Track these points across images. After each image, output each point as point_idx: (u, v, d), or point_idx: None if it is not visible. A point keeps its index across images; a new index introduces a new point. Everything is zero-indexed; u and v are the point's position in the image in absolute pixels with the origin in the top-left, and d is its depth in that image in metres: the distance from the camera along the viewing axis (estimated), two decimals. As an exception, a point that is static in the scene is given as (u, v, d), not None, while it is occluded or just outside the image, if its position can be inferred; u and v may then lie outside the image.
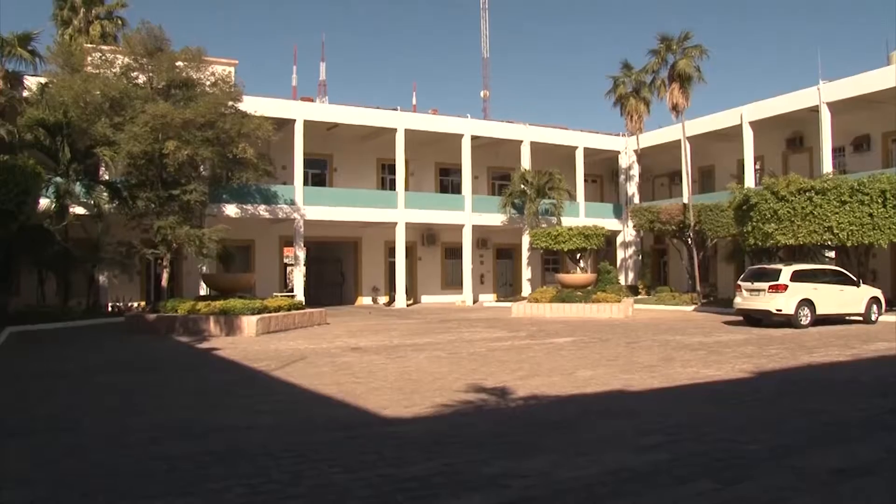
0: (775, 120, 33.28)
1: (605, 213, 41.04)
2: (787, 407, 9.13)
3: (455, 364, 13.26)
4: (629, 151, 41.56)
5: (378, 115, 35.10)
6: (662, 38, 32.74)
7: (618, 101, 35.84)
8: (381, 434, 7.70)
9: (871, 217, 23.06)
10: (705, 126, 36.19)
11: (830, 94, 29.86)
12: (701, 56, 32.43)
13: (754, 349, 15.42)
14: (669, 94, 32.99)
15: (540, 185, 35.98)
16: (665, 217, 34.20)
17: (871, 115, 31.06)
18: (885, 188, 22.98)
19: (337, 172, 36.93)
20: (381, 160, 37.90)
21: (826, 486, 5.72)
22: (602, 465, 6.32)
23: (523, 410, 8.97)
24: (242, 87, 27.23)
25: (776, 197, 24.46)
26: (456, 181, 39.30)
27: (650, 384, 10.82)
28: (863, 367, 12.98)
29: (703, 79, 32.64)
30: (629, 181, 42.06)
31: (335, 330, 21.46)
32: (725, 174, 38.08)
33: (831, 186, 23.73)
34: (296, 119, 32.17)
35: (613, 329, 20.89)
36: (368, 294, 37.73)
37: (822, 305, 21.17)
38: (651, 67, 33.90)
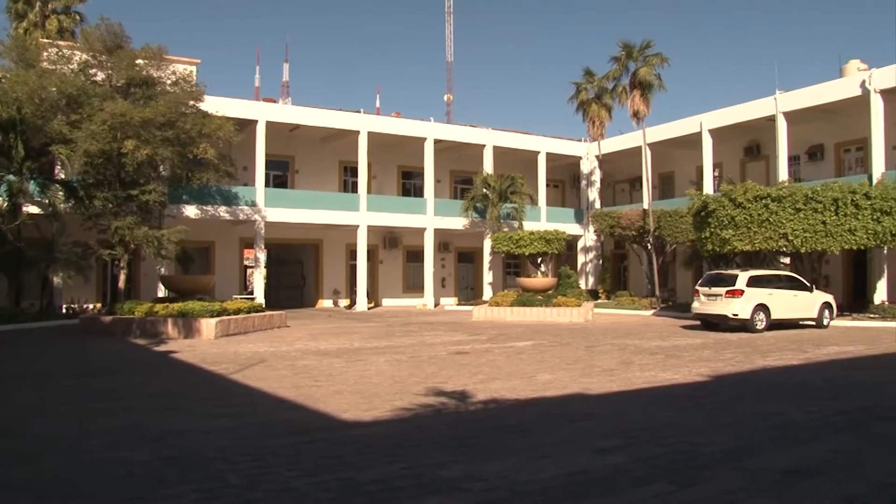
0: (734, 128, 33.80)
1: (567, 218, 41.29)
2: (742, 410, 9.26)
3: (415, 367, 13.24)
4: (591, 157, 41.87)
5: (341, 117, 34.95)
6: (624, 46, 33.10)
7: (580, 107, 36.15)
8: (341, 437, 7.66)
9: (824, 224, 23.53)
10: (666, 133, 36.61)
11: (786, 104, 30.41)
12: (661, 64, 32.87)
13: (711, 353, 15.61)
14: (631, 100, 33.36)
15: (502, 189, 36.12)
16: (625, 222, 34.53)
17: (824, 126, 31.71)
18: (837, 196, 23.49)
19: (299, 174, 36.70)
20: (343, 162, 37.76)
21: (778, 487, 5.82)
22: (561, 467, 6.35)
23: (483, 414, 8.98)
24: (204, 87, 26.94)
25: (734, 204, 24.83)
26: (418, 184, 39.30)
27: (609, 388, 10.91)
28: (815, 370, 13.20)
29: (663, 86, 33.11)
30: (590, 186, 42.37)
31: (295, 333, 21.31)
32: (685, 180, 38.54)
33: (786, 194, 24.16)
34: (258, 120, 31.92)
35: (573, 333, 21.02)
36: (329, 297, 37.54)
37: (777, 310, 21.52)
38: (613, 74, 34.24)
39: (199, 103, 26.03)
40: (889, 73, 26.77)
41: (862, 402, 9.65)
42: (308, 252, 38.65)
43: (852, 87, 28.06)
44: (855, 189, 23.77)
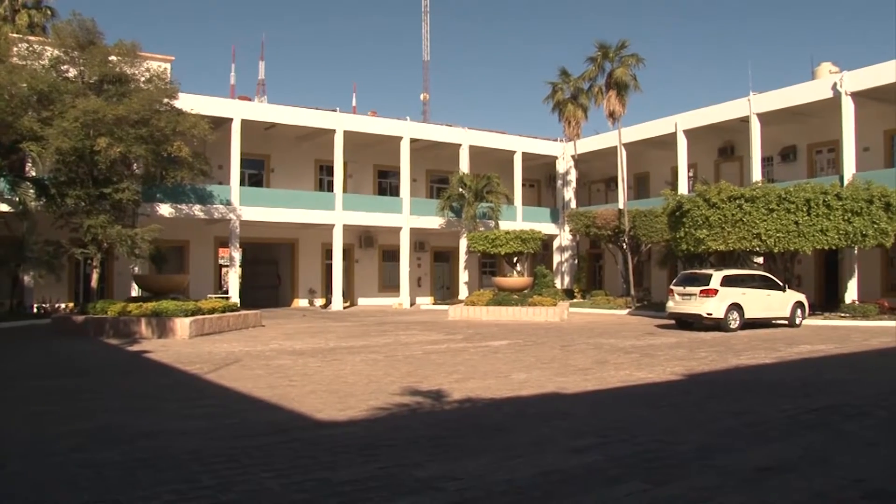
0: (708, 129, 34.05)
1: (543, 218, 41.43)
2: (716, 408, 9.33)
3: (391, 367, 13.23)
4: (567, 157, 42.02)
5: (317, 116, 34.84)
6: (600, 47, 33.22)
7: (556, 106, 36.23)
8: (316, 437, 7.63)
9: (797, 224, 23.79)
10: (641, 133, 36.81)
11: (760, 105, 30.69)
12: (637, 65, 33.01)
13: (685, 352, 15.72)
14: (606, 101, 33.49)
15: (478, 188, 36.17)
16: (601, 222, 34.68)
17: (797, 127, 32.07)
18: (810, 197, 23.75)
19: (274, 173, 36.53)
20: (319, 161, 37.63)
21: (750, 484, 5.88)
22: (536, 466, 6.37)
23: (458, 413, 8.99)
24: (178, 85, 26.70)
25: (708, 204, 25.01)
26: (394, 184, 39.26)
27: (584, 387, 10.95)
28: (787, 368, 13.35)
29: (639, 87, 33.27)
30: (566, 186, 42.54)
31: (270, 332, 21.22)
32: (660, 181, 38.79)
33: (760, 195, 24.38)
34: (233, 118, 31.73)
35: (549, 332, 21.09)
36: (305, 296, 37.42)
37: (751, 309, 21.73)
38: (589, 75, 34.36)
39: (174, 101, 25.81)
40: (860, 76, 27.11)
41: (832, 400, 9.76)
42: (283, 251, 38.50)
43: (824, 90, 28.38)
44: (827, 190, 24.04)
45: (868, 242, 24.01)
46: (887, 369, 13.55)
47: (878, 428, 8.12)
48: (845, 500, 5.49)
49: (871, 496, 5.61)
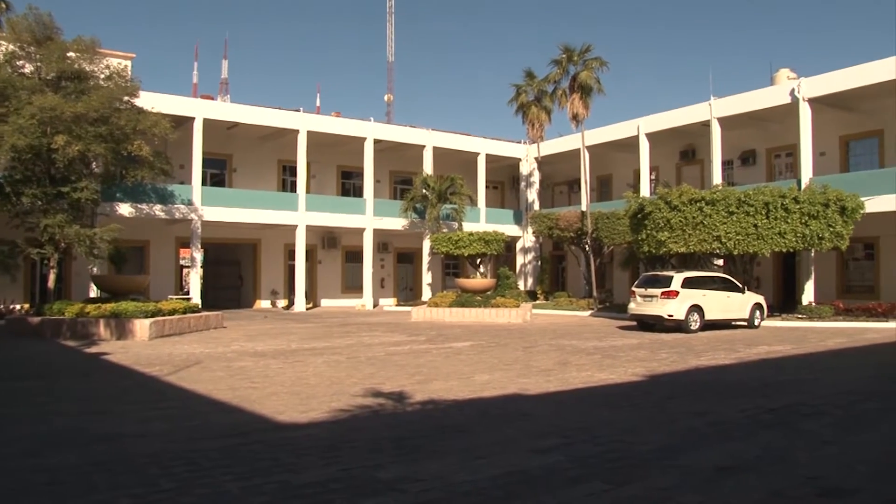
0: (670, 132, 34.40)
1: (506, 220, 41.57)
2: (676, 409, 9.43)
3: (353, 368, 13.18)
4: (530, 159, 42.23)
5: (280, 116, 34.63)
6: (565, 49, 33.40)
7: (520, 109, 36.35)
8: (277, 439, 7.57)
9: (756, 227, 24.12)
10: (604, 136, 37.08)
11: (721, 109, 31.08)
12: (601, 68, 33.26)
13: (647, 353, 15.87)
14: (570, 103, 33.68)
15: (441, 190, 36.20)
16: (564, 224, 34.86)
17: (756, 132, 32.55)
18: (768, 200, 24.10)
19: (237, 173, 36.22)
20: (282, 161, 37.41)
21: (710, 484, 5.95)
22: (498, 467, 6.38)
23: (421, 414, 8.98)
24: (139, 83, 26.31)
25: (669, 206, 25.26)
26: (358, 184, 39.13)
27: (546, 388, 11.00)
28: (746, 369, 13.53)
29: (602, 90, 33.53)
30: (530, 188, 42.74)
31: (232, 334, 21.04)
32: (622, 183, 39.12)
33: (720, 198, 24.67)
34: (195, 117, 31.39)
35: (511, 334, 21.16)
36: (267, 297, 37.15)
37: (711, 311, 21.99)
38: (553, 77, 34.53)
39: (134, 99, 25.44)
40: (816, 82, 27.57)
41: (790, 400, 9.91)
42: (246, 252, 38.19)
43: (782, 96, 28.83)
44: (785, 193, 24.41)
45: (824, 245, 24.44)
46: (842, 369, 13.79)
47: (834, 427, 8.26)
48: (802, 497, 5.57)
49: (826, 493, 5.70)
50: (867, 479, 6.15)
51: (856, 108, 28.59)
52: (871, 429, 8.19)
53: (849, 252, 27.94)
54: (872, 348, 17.56)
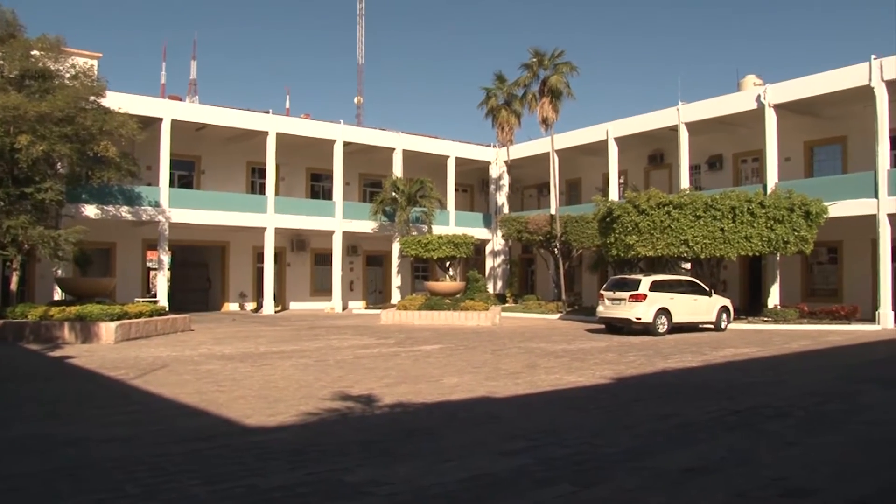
0: (638, 137, 34.68)
1: (475, 223, 41.61)
2: (643, 411, 9.52)
3: (322, 372, 13.14)
4: (500, 162, 42.37)
5: (249, 118, 34.40)
6: (535, 53, 33.53)
7: (490, 112, 36.41)
8: (244, 443, 7.53)
9: (723, 231, 24.40)
10: (573, 140, 37.26)
11: (688, 115, 31.41)
12: (571, 72, 33.43)
13: (615, 356, 15.98)
14: (540, 107, 33.82)
15: (411, 192, 36.18)
16: (533, 227, 34.98)
17: (723, 137, 32.91)
18: (735, 205, 24.40)
19: (205, 175, 35.92)
20: (251, 163, 37.18)
21: (676, 485, 6.03)
22: (466, 470, 6.40)
23: (389, 417, 8.98)
24: (106, 82, 25.96)
25: (637, 210, 25.47)
26: (327, 187, 39.00)
27: (514, 390, 11.04)
28: (712, 371, 13.70)
29: (572, 94, 33.69)
30: (499, 191, 42.86)
31: (199, 337, 20.87)
32: (591, 187, 39.38)
33: (687, 202, 24.93)
34: (163, 118, 31.07)
35: (480, 337, 21.20)
36: (236, 300, 36.89)
37: (678, 314, 22.20)
38: (523, 81, 34.64)
39: (101, 99, 25.12)
40: (782, 89, 27.97)
41: (755, 402, 10.04)
42: (214, 254, 37.89)
43: (749, 101, 29.19)
44: (751, 198, 24.73)
45: (789, 249, 24.79)
46: (806, 371, 13.99)
47: (797, 428, 8.38)
48: (765, 498, 5.66)
49: (788, 494, 5.80)
50: (829, 479, 6.26)
51: (820, 114, 29.05)
52: (834, 430, 8.32)
53: (813, 256, 28.37)
54: (835, 350, 17.86)
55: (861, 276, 27.80)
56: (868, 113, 25.81)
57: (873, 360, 15.98)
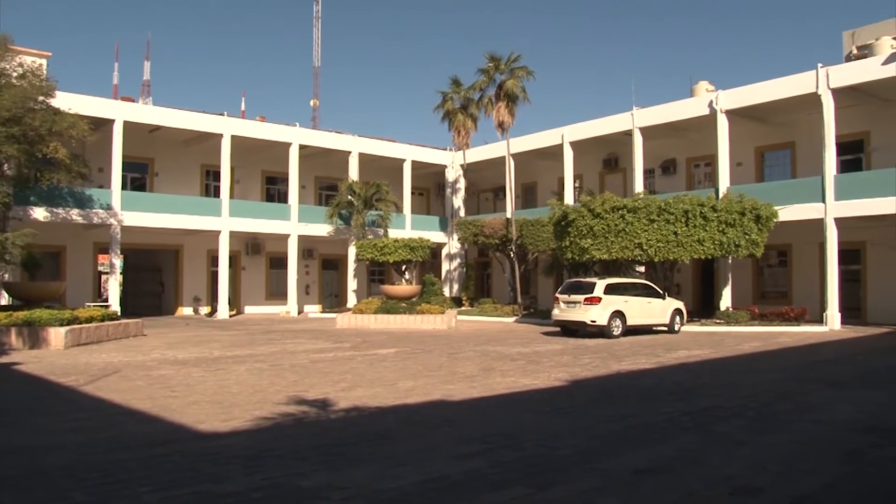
0: (593, 141, 35.00)
1: (431, 226, 41.69)
2: (598, 413, 9.60)
3: (277, 376, 13.04)
4: (456, 166, 42.48)
5: (204, 120, 34.03)
6: (491, 58, 33.68)
7: (446, 116, 36.51)
8: (197, 449, 7.44)
9: (676, 235, 24.75)
10: (529, 144, 37.51)
11: (642, 120, 31.80)
12: (527, 77, 33.64)
13: (570, 358, 16.10)
14: (496, 111, 33.98)
15: (367, 196, 36.11)
16: (489, 231, 35.10)
17: (677, 141, 33.39)
18: (688, 209, 24.77)
19: (158, 177, 35.45)
20: (205, 166, 36.80)
21: (629, 486, 6.10)
22: (421, 474, 6.40)
23: (345, 422, 8.95)
24: (55, 82, 25.47)
25: (592, 214, 25.71)
26: (283, 190, 38.74)
27: (470, 394, 11.07)
28: (666, 373, 13.87)
29: (528, 99, 33.91)
30: (455, 195, 42.96)
31: (152, 342, 20.58)
32: (547, 191, 39.65)
33: (641, 206, 25.24)
34: (115, 119, 30.61)
35: (437, 340, 21.21)
36: (189, 304, 36.44)
37: (632, 317, 22.43)
38: (479, 85, 34.78)
39: (50, 99, 24.60)
40: (733, 95, 28.47)
41: (706, 403, 10.19)
42: (167, 258, 37.39)
43: (701, 107, 29.66)
44: (703, 202, 25.13)
45: (741, 252, 25.22)
46: (756, 372, 14.22)
47: (747, 428, 8.52)
48: (715, 497, 5.75)
49: (737, 492, 5.90)
50: (776, 477, 6.38)
51: (770, 120, 29.65)
52: (782, 429, 8.48)
53: (764, 259, 28.90)
54: (785, 352, 18.21)
55: (809, 278, 28.41)
56: (815, 120, 26.43)
57: (820, 361, 16.31)
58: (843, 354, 17.82)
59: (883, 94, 26.15)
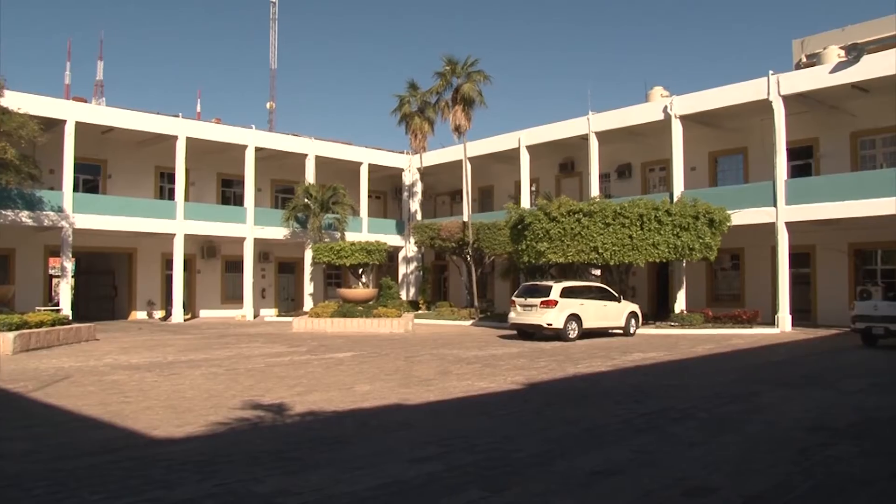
0: (550, 145, 35.22)
1: (388, 229, 41.64)
2: (554, 415, 9.67)
3: (232, 381, 12.92)
4: (413, 169, 42.46)
5: (158, 121, 33.55)
6: (448, 61, 33.69)
7: (403, 119, 36.38)
8: (151, 455, 7.34)
9: (631, 238, 25.02)
10: (486, 148, 37.62)
11: (598, 124, 32.09)
12: (484, 81, 33.67)
13: (526, 362, 16.18)
14: (453, 115, 33.99)
15: (324, 199, 35.94)
16: (445, 234, 35.11)
17: (632, 146, 33.73)
18: (643, 212, 25.06)
19: (112, 179, 34.89)
20: (160, 168, 36.31)
21: (584, 487, 6.15)
22: (377, 478, 6.39)
23: (300, 426, 8.89)
24: (4, 81, 25.02)
25: (548, 218, 25.87)
26: (238, 193, 38.36)
27: (426, 397, 11.07)
28: (621, 376, 14.02)
29: (484, 103, 33.89)
30: (412, 198, 42.95)
31: (105, 346, 20.24)
32: (503, 194, 39.82)
33: (597, 210, 25.47)
34: (66, 120, 30.03)
35: (393, 344, 21.18)
36: (143, 308, 35.91)
37: (588, 320, 22.60)
38: (436, 89, 34.75)
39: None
40: (687, 100, 28.87)
41: (661, 405, 10.31)
42: (121, 261, 36.80)
43: (656, 112, 30.02)
44: (658, 206, 25.44)
45: (695, 256, 25.58)
46: (709, 374, 14.43)
47: (700, 429, 8.65)
48: (669, 498, 5.82)
49: (691, 493, 5.98)
50: (728, 477, 6.48)
51: (723, 126, 30.11)
52: (734, 430, 8.61)
53: (717, 262, 29.32)
54: (737, 353, 18.49)
55: (762, 281, 28.89)
56: (767, 125, 26.93)
57: (772, 362, 16.58)
58: (793, 356, 18.14)
59: (831, 102, 26.75)
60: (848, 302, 24.59)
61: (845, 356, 17.82)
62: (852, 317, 20.30)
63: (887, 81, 23.87)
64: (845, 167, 27.19)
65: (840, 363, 16.46)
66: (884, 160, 26.98)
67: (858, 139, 27.68)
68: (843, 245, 27.55)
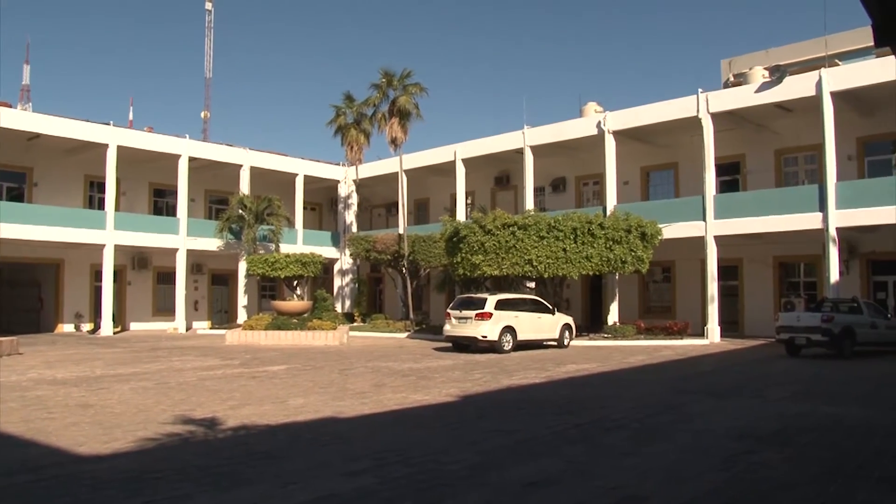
0: (485, 158, 35.49)
1: (324, 241, 41.40)
2: (488, 427, 9.70)
3: (162, 395, 12.65)
4: (349, 181, 42.33)
5: (88, 129, 32.76)
6: (385, 74, 33.69)
7: (339, 130, 36.23)
8: (76, 473, 7.14)
9: (565, 251, 25.34)
10: (422, 160, 37.71)
11: (533, 138, 32.45)
12: (420, 94, 33.75)
13: (461, 374, 16.22)
14: (389, 127, 33.96)
15: (259, 210, 35.59)
16: (381, 246, 35.01)
17: (566, 160, 34.20)
18: (577, 226, 25.41)
19: (38, 187, 33.92)
20: (89, 177, 35.48)
21: (518, 499, 6.18)
22: (310, 492, 6.33)
23: (232, 441, 8.75)
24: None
25: (483, 230, 26.03)
26: (171, 203, 37.67)
27: (361, 410, 11.01)
28: (555, 387, 14.16)
29: (420, 115, 33.96)
30: (348, 210, 42.80)
31: (29, 360, 19.62)
32: (439, 207, 39.95)
33: (532, 223, 25.73)
34: (-11, 126, 29.18)
35: (328, 356, 21.03)
36: (71, 321, 34.95)
37: (523, 332, 22.77)
38: (373, 101, 34.71)
39: (-82, 106, 23.39)
40: (620, 116, 29.43)
41: (594, 416, 10.44)
42: (47, 272, 35.76)
43: (590, 127, 30.52)
44: (591, 220, 25.83)
45: (627, 268, 26.03)
46: (641, 384, 14.67)
47: (633, 439, 8.78)
48: (601, 509, 5.89)
49: (624, 501, 6.08)
50: (660, 485, 6.60)
51: (654, 141, 30.76)
52: (665, 439, 8.77)
53: (649, 275, 29.89)
54: (668, 364, 18.86)
55: (692, 293, 29.51)
56: (697, 142, 27.61)
57: (701, 373, 16.96)
58: (721, 366, 18.57)
59: (756, 120, 27.58)
60: (773, 313, 25.29)
61: (770, 366, 18.35)
62: (777, 328, 20.98)
63: (808, 102, 24.75)
64: (770, 183, 28.03)
65: (765, 372, 16.92)
66: (805, 177, 27.93)
67: (782, 156, 28.64)
68: (769, 258, 28.37)
